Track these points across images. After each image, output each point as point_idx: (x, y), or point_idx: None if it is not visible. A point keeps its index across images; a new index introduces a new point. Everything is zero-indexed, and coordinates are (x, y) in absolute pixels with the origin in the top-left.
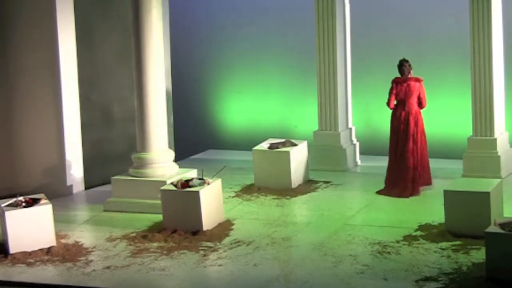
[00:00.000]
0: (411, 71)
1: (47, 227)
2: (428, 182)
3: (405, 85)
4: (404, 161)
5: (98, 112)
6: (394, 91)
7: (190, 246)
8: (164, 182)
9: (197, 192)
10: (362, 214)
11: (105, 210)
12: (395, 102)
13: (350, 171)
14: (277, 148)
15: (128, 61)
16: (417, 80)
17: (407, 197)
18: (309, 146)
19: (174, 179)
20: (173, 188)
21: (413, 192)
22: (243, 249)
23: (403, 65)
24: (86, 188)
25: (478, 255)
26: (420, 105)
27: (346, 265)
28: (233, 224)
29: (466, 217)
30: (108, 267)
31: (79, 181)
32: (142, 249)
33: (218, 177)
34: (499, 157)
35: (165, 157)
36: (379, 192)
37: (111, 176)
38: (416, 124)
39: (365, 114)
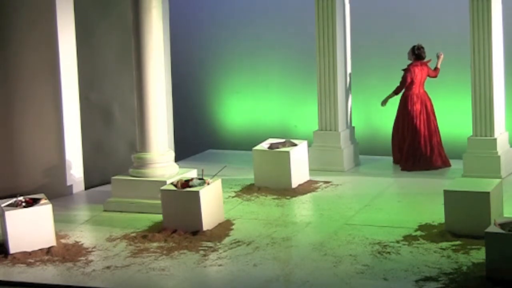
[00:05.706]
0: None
1: (47, 227)
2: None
3: (420, 68)
4: (431, 136)
5: (98, 112)
6: (412, 75)
7: (190, 246)
8: (164, 182)
9: (197, 192)
10: (362, 214)
11: (105, 210)
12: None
13: (350, 171)
14: (277, 148)
15: (128, 61)
16: (426, 63)
17: (440, 167)
18: (309, 146)
19: (174, 179)
20: (173, 188)
21: (446, 161)
22: (243, 249)
23: (421, 51)
24: (86, 188)
25: (478, 255)
26: (434, 72)
27: (346, 265)
28: (233, 224)
29: (466, 217)
30: (108, 267)
31: (79, 181)
32: (142, 249)
33: (218, 177)
34: (499, 157)
35: (165, 157)
36: (404, 169)
37: (111, 176)
38: (431, 102)
39: (365, 114)
